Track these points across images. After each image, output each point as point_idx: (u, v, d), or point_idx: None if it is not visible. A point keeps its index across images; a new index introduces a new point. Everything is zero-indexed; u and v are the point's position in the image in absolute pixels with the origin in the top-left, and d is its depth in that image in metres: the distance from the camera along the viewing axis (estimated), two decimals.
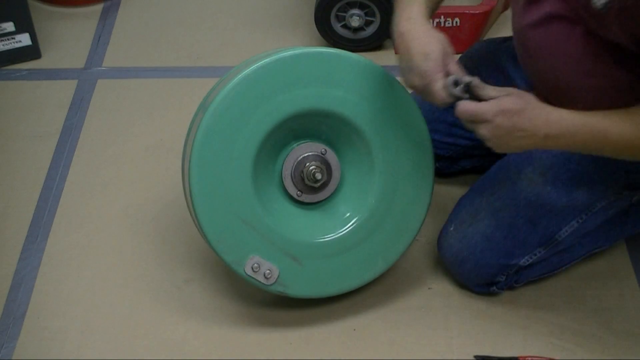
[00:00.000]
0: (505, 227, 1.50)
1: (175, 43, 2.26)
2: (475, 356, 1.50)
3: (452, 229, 1.56)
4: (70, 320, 1.58)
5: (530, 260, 1.53)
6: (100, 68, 2.19)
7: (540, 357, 1.48)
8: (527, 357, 1.48)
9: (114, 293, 1.63)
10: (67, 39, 2.28)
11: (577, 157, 1.44)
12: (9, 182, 1.87)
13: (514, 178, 1.49)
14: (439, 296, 1.60)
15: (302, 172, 1.49)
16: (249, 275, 1.44)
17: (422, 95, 1.34)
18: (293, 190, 1.50)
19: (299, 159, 1.49)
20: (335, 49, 1.44)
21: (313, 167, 1.48)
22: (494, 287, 1.57)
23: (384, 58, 2.14)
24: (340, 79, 1.43)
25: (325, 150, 1.50)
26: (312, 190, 1.51)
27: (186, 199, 1.48)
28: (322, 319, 1.56)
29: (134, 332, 1.55)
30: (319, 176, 1.49)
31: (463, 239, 1.53)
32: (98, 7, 2.40)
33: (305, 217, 1.52)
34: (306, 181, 1.49)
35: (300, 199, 1.51)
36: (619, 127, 1.25)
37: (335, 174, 1.52)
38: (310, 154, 1.49)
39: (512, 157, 1.52)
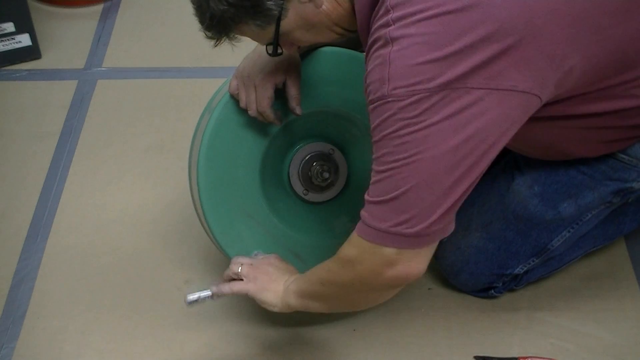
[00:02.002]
0: (497, 239, 1.50)
1: (175, 43, 2.26)
2: (475, 356, 1.50)
3: (445, 239, 1.55)
4: (70, 320, 1.58)
5: (525, 268, 1.53)
6: (100, 68, 2.19)
7: (540, 358, 1.48)
8: (527, 357, 1.48)
9: (114, 293, 1.63)
10: (67, 39, 2.28)
11: (564, 166, 1.43)
12: (9, 182, 1.87)
13: (502, 190, 1.48)
14: (438, 297, 1.60)
15: (310, 170, 1.50)
16: None
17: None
18: (299, 189, 1.51)
19: (307, 157, 1.50)
20: (345, 49, 1.44)
21: (321, 166, 1.49)
22: (492, 291, 1.57)
23: None
24: (349, 79, 1.44)
25: (333, 150, 1.51)
26: (318, 190, 1.52)
27: (192, 192, 1.48)
28: (322, 319, 1.56)
29: (134, 332, 1.55)
30: (326, 175, 1.50)
31: (457, 250, 1.53)
32: (98, 8, 2.40)
33: (310, 216, 1.52)
34: (313, 180, 1.50)
35: (306, 197, 1.52)
36: (323, 270, 1.28)
37: (342, 174, 1.53)
38: (318, 153, 1.50)
39: (502, 166, 1.51)
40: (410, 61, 1.09)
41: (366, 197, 1.16)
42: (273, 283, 1.35)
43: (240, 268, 1.37)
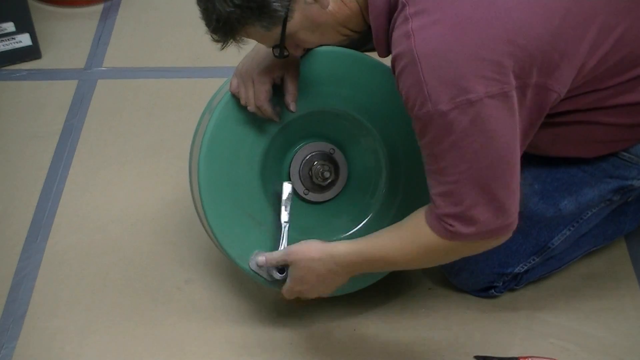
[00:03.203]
0: None
1: (175, 43, 2.26)
2: (475, 356, 1.50)
3: None
4: (70, 320, 1.58)
5: (526, 267, 1.53)
6: (100, 68, 2.19)
7: (540, 358, 1.48)
8: (527, 357, 1.48)
9: (114, 293, 1.63)
10: (67, 39, 2.28)
11: (564, 164, 1.43)
12: (9, 182, 1.87)
13: None
14: (439, 297, 1.60)
15: (311, 170, 1.50)
16: (253, 271, 1.44)
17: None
18: (300, 189, 1.51)
19: (307, 157, 1.50)
20: (346, 49, 1.44)
21: (322, 165, 1.49)
22: (492, 291, 1.57)
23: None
24: (350, 79, 1.43)
25: (334, 149, 1.51)
26: (319, 189, 1.52)
27: (192, 192, 1.48)
28: (322, 319, 1.56)
29: (134, 332, 1.55)
30: (327, 175, 1.49)
31: None
32: (98, 7, 2.40)
33: (311, 215, 1.52)
34: (314, 179, 1.50)
35: (307, 197, 1.52)
36: (388, 244, 1.30)
37: (343, 173, 1.53)
38: (318, 152, 1.50)
39: None
40: (444, 76, 1.12)
41: (440, 211, 1.20)
42: (324, 283, 1.38)
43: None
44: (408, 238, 1.28)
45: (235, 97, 1.40)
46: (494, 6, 1.13)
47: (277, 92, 1.39)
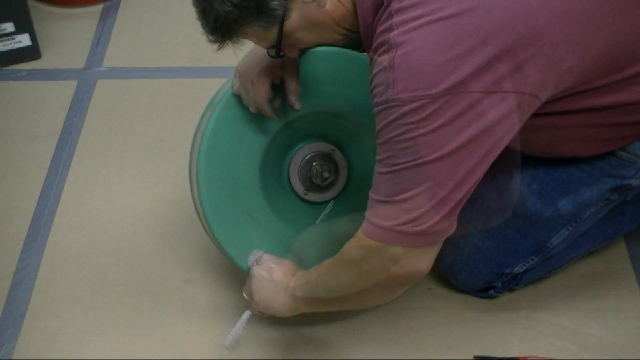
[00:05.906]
0: (495, 237, 1.50)
1: (175, 43, 2.26)
2: (475, 356, 1.50)
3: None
4: (70, 320, 1.58)
5: (525, 267, 1.53)
6: (100, 68, 2.19)
7: (540, 358, 1.48)
8: (527, 357, 1.48)
9: (114, 293, 1.63)
10: (67, 39, 2.28)
11: (562, 164, 1.43)
12: (9, 182, 1.87)
13: (501, 188, 1.48)
14: (438, 296, 1.60)
15: (310, 170, 1.50)
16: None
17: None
18: (299, 189, 1.51)
19: (307, 157, 1.50)
20: (345, 49, 1.44)
21: (321, 166, 1.49)
22: (492, 291, 1.57)
23: None
24: (350, 79, 1.44)
25: (333, 150, 1.51)
26: (319, 190, 1.52)
27: (192, 191, 1.48)
28: (322, 319, 1.55)
29: (134, 332, 1.55)
30: (326, 175, 1.50)
31: (456, 250, 1.53)
32: (98, 7, 2.40)
33: (311, 215, 1.52)
34: (314, 180, 1.50)
35: (306, 197, 1.52)
36: (322, 275, 1.29)
37: (342, 174, 1.53)
38: (318, 153, 1.50)
39: (500, 164, 1.50)
40: (414, 66, 1.10)
41: (371, 195, 1.18)
42: (274, 293, 1.36)
43: (244, 293, 1.41)
44: (341, 255, 1.25)
45: (235, 97, 1.40)
46: (476, 4, 1.11)
47: (279, 91, 1.39)
